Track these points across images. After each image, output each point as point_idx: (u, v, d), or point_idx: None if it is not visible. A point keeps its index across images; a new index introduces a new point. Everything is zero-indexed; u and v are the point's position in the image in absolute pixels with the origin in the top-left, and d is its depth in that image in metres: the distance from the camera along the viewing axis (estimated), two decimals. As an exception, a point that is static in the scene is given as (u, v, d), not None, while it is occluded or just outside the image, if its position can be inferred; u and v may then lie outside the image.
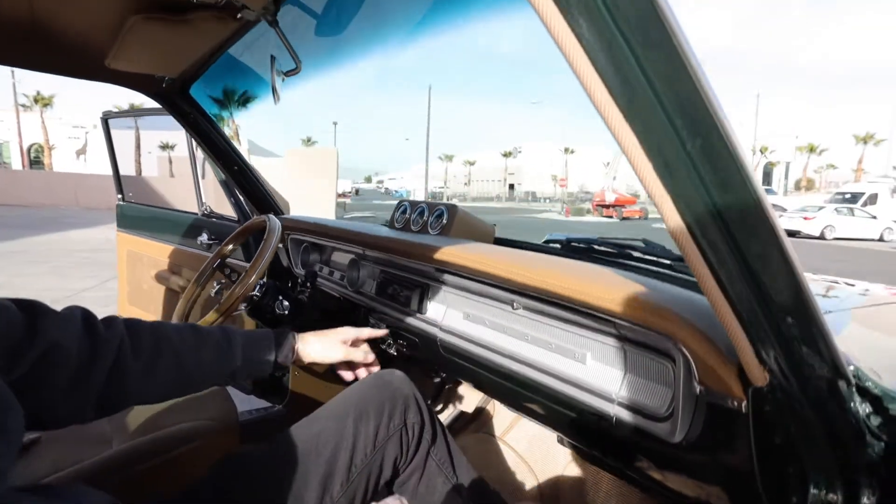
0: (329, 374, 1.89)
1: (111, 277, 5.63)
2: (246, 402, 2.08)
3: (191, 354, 0.75)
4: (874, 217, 17.07)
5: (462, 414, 1.62)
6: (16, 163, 31.30)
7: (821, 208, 17.44)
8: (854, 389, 0.51)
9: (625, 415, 0.70)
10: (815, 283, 1.53)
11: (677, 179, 0.39)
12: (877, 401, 0.53)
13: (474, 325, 0.99)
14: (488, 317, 0.96)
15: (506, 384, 0.91)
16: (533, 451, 1.39)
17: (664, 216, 0.42)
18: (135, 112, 2.73)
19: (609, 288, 0.67)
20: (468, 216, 1.19)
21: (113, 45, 1.11)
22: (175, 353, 0.73)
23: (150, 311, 2.34)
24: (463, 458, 0.95)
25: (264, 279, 1.37)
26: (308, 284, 1.65)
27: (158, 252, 2.24)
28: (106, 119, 2.38)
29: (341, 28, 1.06)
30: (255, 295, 1.34)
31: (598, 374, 0.76)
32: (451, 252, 0.95)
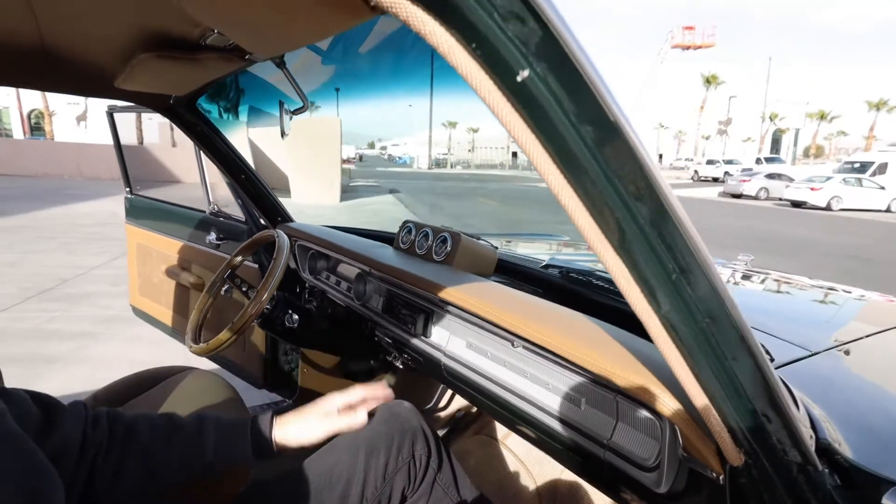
0: (337, 369, 1.97)
1: (120, 254, 5.70)
2: (258, 397, 2.17)
3: (161, 453, 0.74)
4: (882, 188, 16.89)
5: (465, 415, 1.69)
6: (17, 130, 31.11)
7: (828, 178, 17.25)
8: (825, 469, 0.56)
9: (614, 460, 0.75)
10: (812, 291, 1.57)
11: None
12: (846, 475, 0.58)
13: (476, 355, 1.03)
14: (490, 349, 1.00)
15: (504, 413, 0.96)
16: (532, 454, 1.46)
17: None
18: (141, 108, 2.72)
19: (604, 355, 0.71)
20: (471, 244, 1.22)
21: (122, 72, 1.13)
22: (144, 452, 0.73)
23: (161, 302, 2.41)
24: (466, 480, 1.01)
25: (275, 292, 1.42)
26: (314, 297, 1.70)
27: (168, 247, 2.29)
28: (111, 113, 2.39)
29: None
30: (267, 308, 1.39)
31: (592, 418, 0.80)
32: (454, 293, 0.99)
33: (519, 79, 0.33)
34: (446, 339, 1.10)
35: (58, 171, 16.33)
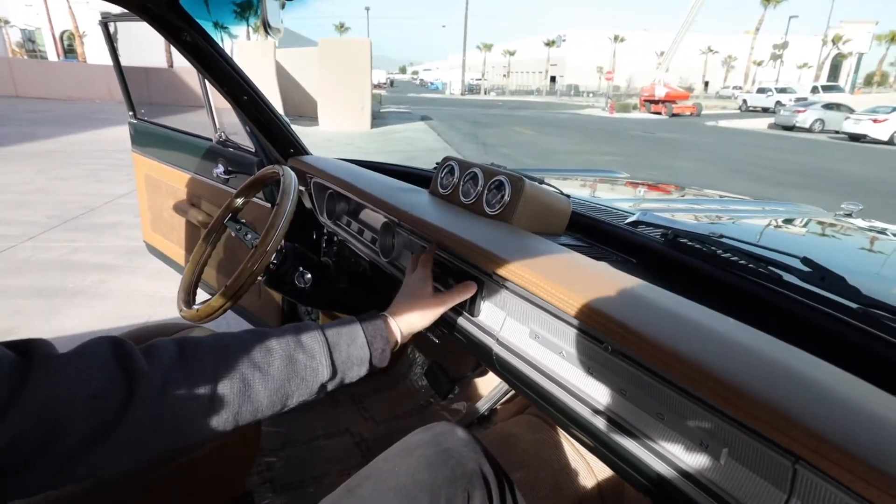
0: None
1: (145, 182, 5.56)
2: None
3: (261, 375, 0.60)
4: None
5: (508, 390, 1.45)
6: (51, 52, 30.91)
7: (894, 109, 15.80)
8: None
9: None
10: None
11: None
12: None
13: (544, 351, 0.75)
14: (566, 346, 0.71)
15: (575, 430, 0.71)
16: (592, 444, 1.22)
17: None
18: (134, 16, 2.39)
19: (744, 386, 0.44)
20: (537, 193, 0.91)
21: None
22: (242, 378, 0.59)
23: (172, 239, 2.22)
24: None
25: (282, 243, 1.17)
26: (334, 245, 1.44)
27: (176, 180, 2.06)
28: (105, 23, 2.07)
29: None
30: (273, 263, 1.16)
31: (742, 482, 0.52)
32: (517, 268, 0.70)
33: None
34: (500, 322, 0.83)
35: (89, 94, 16.22)
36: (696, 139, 15.19)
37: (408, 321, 0.77)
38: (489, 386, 1.61)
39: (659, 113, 25.31)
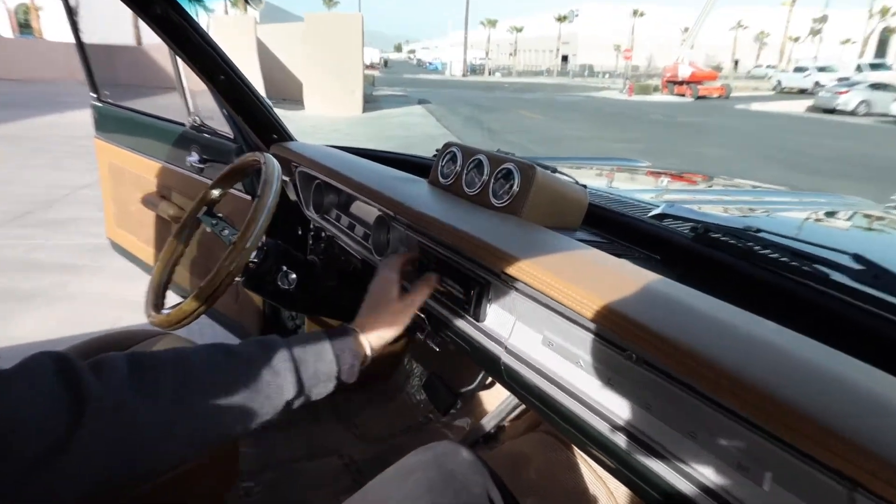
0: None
1: (110, 173, 5.57)
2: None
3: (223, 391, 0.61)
4: None
5: (517, 404, 1.44)
6: (3, 27, 30.89)
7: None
8: None
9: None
10: None
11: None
12: None
13: (558, 359, 0.75)
14: (583, 354, 0.71)
15: (593, 449, 0.70)
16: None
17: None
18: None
19: (800, 405, 0.43)
20: (550, 183, 0.91)
21: None
22: (203, 397, 0.60)
23: (139, 236, 2.22)
24: None
25: (263, 239, 1.16)
26: (322, 242, 1.44)
27: (144, 168, 2.05)
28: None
29: None
30: (252, 262, 1.15)
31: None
32: (527, 266, 0.69)
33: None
34: (509, 327, 0.83)
35: (49, 74, 16.20)
36: (724, 123, 15.21)
37: (376, 334, 0.79)
38: (496, 400, 1.60)
39: (683, 95, 25.35)
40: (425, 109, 14.83)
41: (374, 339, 0.78)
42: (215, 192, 1.24)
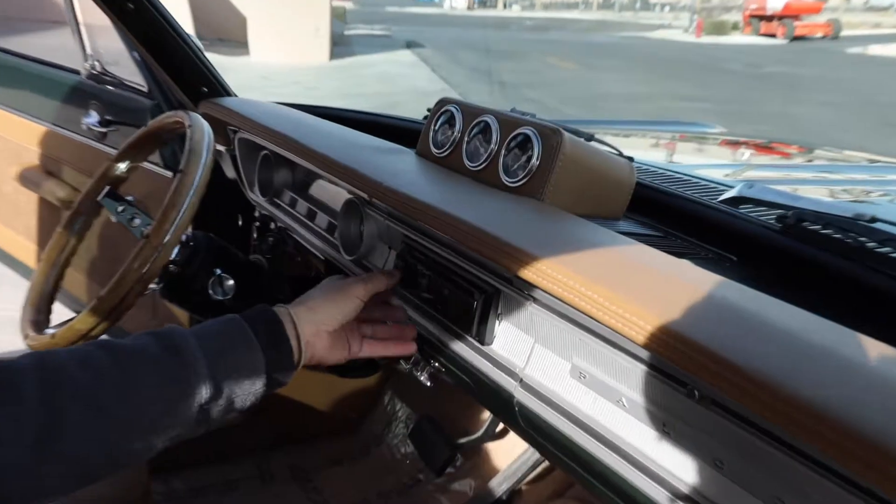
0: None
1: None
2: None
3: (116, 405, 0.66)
4: None
5: (538, 461, 1.46)
6: None
7: None
8: None
9: None
10: None
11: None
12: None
13: (593, 398, 0.77)
14: (628, 390, 0.72)
15: None
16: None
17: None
18: None
19: None
20: (584, 154, 0.93)
21: None
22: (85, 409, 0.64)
23: (14, 226, 2.25)
24: None
25: (188, 231, 1.21)
26: (269, 236, 1.48)
27: (20, 134, 2.09)
28: None
29: None
30: (173, 263, 1.18)
31: None
32: (549, 269, 0.70)
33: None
34: (526, 353, 0.85)
35: None
36: (829, 75, 15.27)
37: (312, 317, 0.85)
38: (508, 454, 1.61)
39: (773, 35, 25.47)
40: (416, 56, 14.92)
41: (307, 319, 0.84)
42: (122, 167, 1.26)
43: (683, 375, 0.63)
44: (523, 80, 12.28)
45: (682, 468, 0.66)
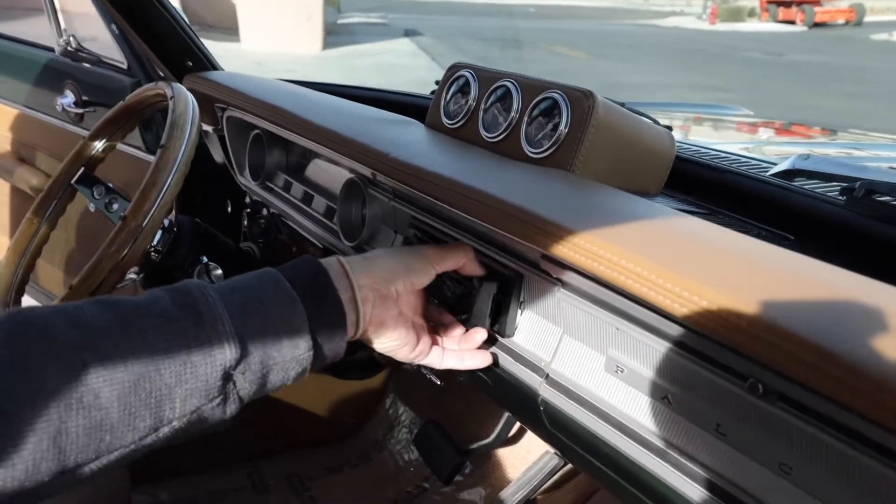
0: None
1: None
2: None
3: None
4: None
5: (558, 462, 1.43)
6: None
7: None
8: None
9: None
10: None
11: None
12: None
13: (633, 395, 0.74)
14: (673, 386, 0.69)
15: None
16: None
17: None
18: None
19: None
20: (619, 120, 0.91)
21: None
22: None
23: None
24: None
25: (171, 216, 1.23)
26: (260, 222, 1.52)
27: None
28: None
29: None
30: (155, 250, 1.19)
31: None
32: (585, 244, 0.67)
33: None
34: (552, 346, 0.83)
35: None
36: (854, 63, 15.34)
37: (368, 267, 0.78)
38: (523, 460, 1.60)
39: (792, 21, 25.73)
40: (415, 44, 15.10)
41: (358, 264, 0.78)
42: (98, 145, 1.27)
43: (748, 370, 0.59)
44: (531, 70, 12.21)
45: (742, 475, 0.63)
